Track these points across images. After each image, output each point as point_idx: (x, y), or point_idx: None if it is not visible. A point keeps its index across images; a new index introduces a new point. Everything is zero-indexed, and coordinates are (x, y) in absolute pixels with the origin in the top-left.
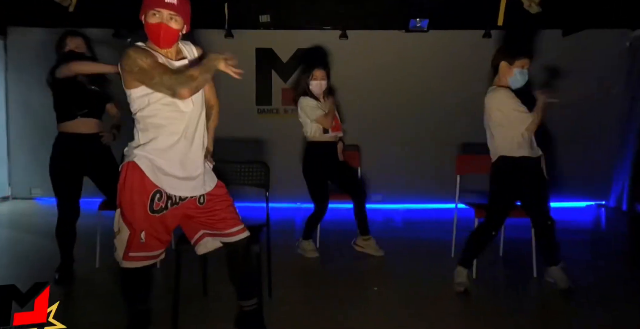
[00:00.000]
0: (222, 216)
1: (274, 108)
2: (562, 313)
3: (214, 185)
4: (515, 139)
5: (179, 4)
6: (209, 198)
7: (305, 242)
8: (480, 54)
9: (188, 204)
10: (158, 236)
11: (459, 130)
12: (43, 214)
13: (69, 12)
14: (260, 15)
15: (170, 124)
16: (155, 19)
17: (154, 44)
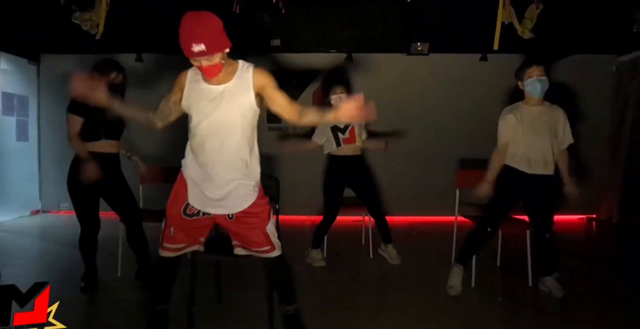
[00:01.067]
0: (250, 237)
1: (284, 126)
2: (558, 321)
3: (248, 204)
4: (510, 152)
5: (208, 47)
6: (239, 215)
7: (314, 251)
8: (477, 76)
9: (218, 216)
10: (188, 232)
11: (457, 147)
12: (70, 227)
13: (95, 39)
14: (272, 40)
15: (191, 139)
16: (196, 63)
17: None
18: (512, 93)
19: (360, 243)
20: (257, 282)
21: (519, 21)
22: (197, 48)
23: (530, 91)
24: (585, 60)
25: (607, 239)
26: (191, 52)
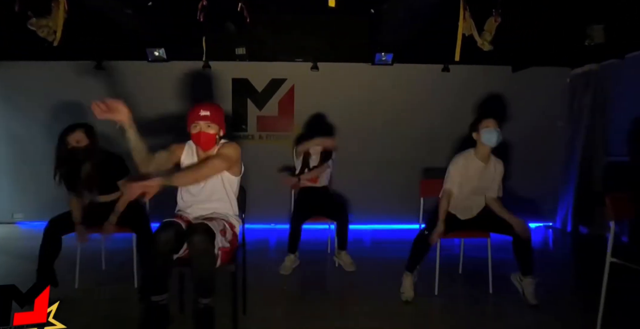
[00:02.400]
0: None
1: (249, 134)
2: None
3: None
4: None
5: (211, 115)
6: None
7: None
8: (440, 86)
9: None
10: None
11: (422, 156)
12: (24, 238)
13: (53, 46)
14: (237, 48)
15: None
16: (196, 130)
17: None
18: (473, 103)
19: (326, 252)
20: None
21: (478, 33)
22: (203, 113)
23: (486, 140)
24: (542, 72)
25: (561, 246)
26: (198, 115)
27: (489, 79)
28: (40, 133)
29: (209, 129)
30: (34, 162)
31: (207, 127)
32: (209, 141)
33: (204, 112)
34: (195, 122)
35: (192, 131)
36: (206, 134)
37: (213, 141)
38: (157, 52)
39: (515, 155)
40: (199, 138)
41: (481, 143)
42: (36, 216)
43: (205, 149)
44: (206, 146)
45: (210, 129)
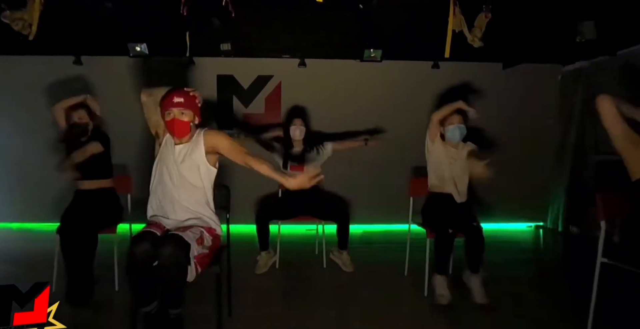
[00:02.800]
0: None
1: (235, 132)
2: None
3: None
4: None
5: (185, 102)
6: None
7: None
8: (430, 83)
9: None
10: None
11: (411, 154)
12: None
13: (29, 40)
14: (222, 44)
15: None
16: (169, 117)
17: (173, 136)
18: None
19: (314, 253)
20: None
21: (469, 30)
22: (177, 99)
23: (450, 137)
24: (532, 69)
25: (552, 247)
26: (171, 102)
27: (479, 76)
28: (14, 131)
29: (182, 116)
30: (6, 160)
31: (181, 115)
32: (182, 128)
33: (177, 99)
34: (168, 110)
35: (166, 118)
36: (180, 122)
37: (187, 129)
38: (138, 47)
39: (505, 153)
40: (172, 126)
41: (447, 138)
42: (9, 216)
43: (179, 136)
44: (180, 133)
45: (184, 116)
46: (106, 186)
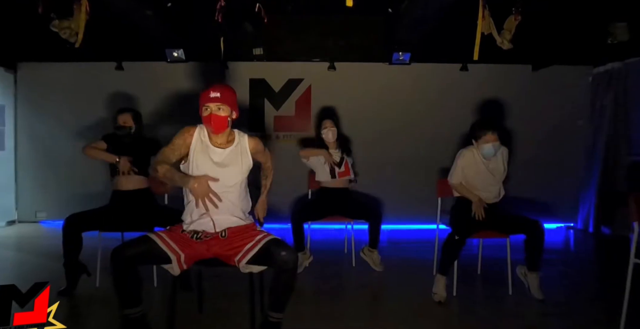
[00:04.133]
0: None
1: (267, 134)
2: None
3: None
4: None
5: (222, 96)
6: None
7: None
8: (458, 86)
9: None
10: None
11: (439, 155)
12: (47, 237)
13: (74, 47)
14: (254, 48)
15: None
16: (206, 112)
17: (211, 132)
18: (490, 102)
19: (343, 252)
20: (239, 293)
21: (498, 32)
22: (214, 94)
23: (485, 155)
24: (563, 70)
25: (584, 247)
26: (208, 97)
27: (508, 78)
28: (62, 133)
29: (219, 111)
30: (56, 161)
31: (218, 110)
32: (220, 123)
33: (214, 94)
34: (205, 105)
35: (203, 114)
36: (217, 117)
37: (225, 124)
38: (176, 52)
39: (536, 155)
40: (209, 121)
41: (481, 153)
42: (59, 214)
43: (217, 132)
44: (217, 129)
45: (222, 112)
46: (142, 187)
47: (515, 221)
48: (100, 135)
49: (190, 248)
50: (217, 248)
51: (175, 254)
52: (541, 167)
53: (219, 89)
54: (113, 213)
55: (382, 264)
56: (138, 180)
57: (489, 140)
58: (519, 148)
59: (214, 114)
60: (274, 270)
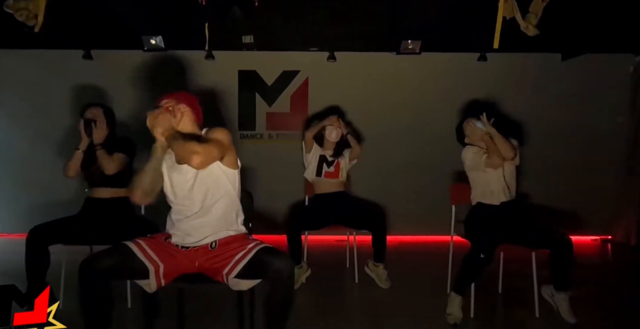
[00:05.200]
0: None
1: (258, 133)
2: None
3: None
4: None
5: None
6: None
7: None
8: (476, 78)
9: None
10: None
11: (452, 157)
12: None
13: (33, 32)
14: (244, 36)
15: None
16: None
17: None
18: (512, 96)
19: (345, 266)
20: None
21: (522, 16)
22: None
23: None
24: (598, 60)
25: (624, 263)
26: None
27: (534, 69)
28: (20, 132)
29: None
30: (12, 165)
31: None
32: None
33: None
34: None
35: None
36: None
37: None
38: (153, 40)
39: (567, 157)
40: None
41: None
42: (16, 227)
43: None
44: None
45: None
46: (120, 195)
47: (538, 233)
48: (64, 133)
49: (173, 258)
50: (203, 260)
51: (154, 265)
52: (573, 171)
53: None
54: (85, 223)
55: (388, 279)
56: (118, 189)
57: (467, 127)
58: (546, 149)
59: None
60: (268, 283)
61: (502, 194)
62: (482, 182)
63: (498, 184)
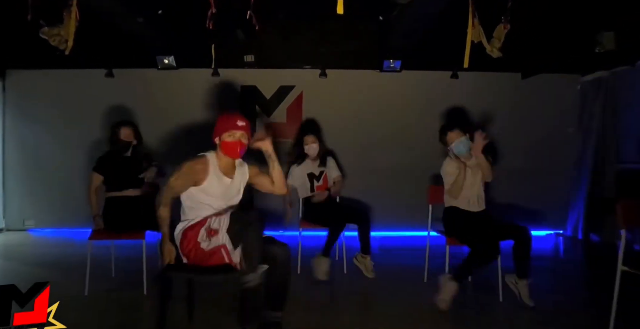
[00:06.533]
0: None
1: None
2: None
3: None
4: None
5: (247, 125)
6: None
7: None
8: (449, 93)
9: None
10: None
11: (429, 162)
12: (35, 245)
13: (64, 55)
14: (245, 55)
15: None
16: (231, 139)
17: (229, 156)
18: (479, 109)
19: (334, 258)
20: (230, 301)
21: (487, 40)
22: (241, 123)
23: (458, 153)
24: (552, 79)
25: (573, 254)
26: (235, 124)
27: (498, 86)
28: (52, 141)
29: (243, 138)
30: (45, 169)
31: (243, 137)
32: (243, 150)
33: (241, 123)
34: (230, 131)
35: (227, 139)
36: (243, 144)
37: (244, 151)
38: (166, 59)
39: (525, 162)
40: (235, 147)
41: (456, 155)
42: (47, 222)
43: (237, 157)
44: (239, 155)
45: (245, 139)
46: (135, 194)
47: (503, 227)
48: (87, 141)
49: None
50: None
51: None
52: (531, 174)
53: (242, 118)
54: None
55: (374, 270)
56: (132, 190)
57: (454, 137)
58: (508, 155)
59: (241, 141)
60: (267, 268)
61: (475, 204)
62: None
63: (473, 196)
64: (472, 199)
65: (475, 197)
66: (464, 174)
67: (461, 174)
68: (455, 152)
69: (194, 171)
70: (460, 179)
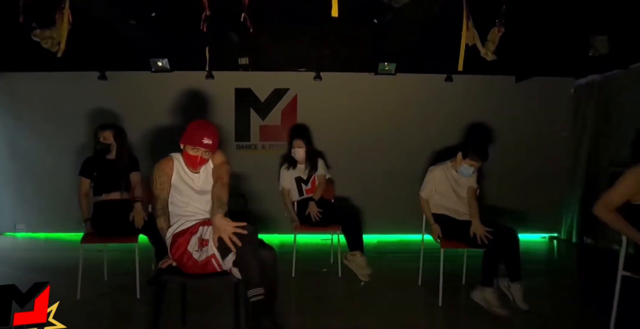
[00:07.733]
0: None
1: (252, 144)
2: None
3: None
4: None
5: (213, 144)
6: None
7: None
8: (443, 96)
9: None
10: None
11: (423, 165)
12: (26, 249)
13: (56, 57)
14: (240, 58)
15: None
16: (194, 152)
17: (188, 166)
18: (473, 112)
19: (329, 262)
20: (223, 304)
21: (482, 43)
22: (207, 141)
23: (461, 172)
24: (545, 82)
25: (567, 257)
26: (201, 142)
27: (492, 89)
28: (43, 144)
29: (205, 155)
30: (36, 173)
31: (205, 153)
32: (202, 165)
33: (207, 141)
34: (196, 147)
35: (190, 152)
36: (203, 160)
37: (203, 165)
38: (160, 62)
39: (518, 165)
40: (195, 161)
41: (458, 170)
42: (39, 227)
43: (195, 169)
44: (197, 168)
45: (207, 155)
46: (123, 198)
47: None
48: (79, 145)
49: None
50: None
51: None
52: (524, 177)
53: (212, 136)
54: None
55: (369, 266)
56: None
57: (474, 164)
58: (501, 158)
59: (202, 157)
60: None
61: (466, 214)
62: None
63: (462, 206)
64: (462, 210)
65: (464, 208)
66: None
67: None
68: (461, 169)
69: (161, 168)
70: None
